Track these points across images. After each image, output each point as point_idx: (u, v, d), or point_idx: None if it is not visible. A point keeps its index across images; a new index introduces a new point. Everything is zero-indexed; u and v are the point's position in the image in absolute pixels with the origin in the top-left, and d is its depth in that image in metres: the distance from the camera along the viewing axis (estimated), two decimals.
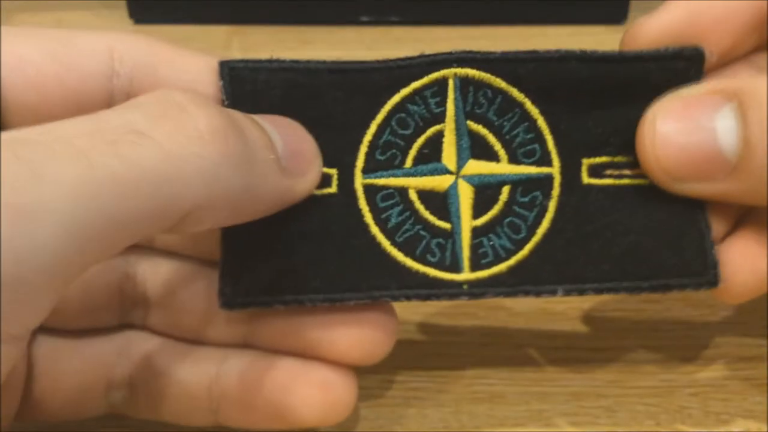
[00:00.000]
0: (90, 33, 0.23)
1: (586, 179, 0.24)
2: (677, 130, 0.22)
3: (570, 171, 0.24)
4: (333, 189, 0.24)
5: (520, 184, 0.24)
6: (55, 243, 0.16)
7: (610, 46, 0.24)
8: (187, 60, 0.23)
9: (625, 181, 0.24)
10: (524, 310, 0.30)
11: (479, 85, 0.24)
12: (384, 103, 0.24)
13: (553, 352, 0.29)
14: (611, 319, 0.30)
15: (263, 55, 0.24)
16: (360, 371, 0.24)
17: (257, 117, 0.22)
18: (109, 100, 0.23)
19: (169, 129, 0.19)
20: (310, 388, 0.24)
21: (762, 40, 0.25)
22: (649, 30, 0.24)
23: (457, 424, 0.27)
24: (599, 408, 0.27)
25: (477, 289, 0.23)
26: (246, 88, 0.23)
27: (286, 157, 0.22)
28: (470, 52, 0.23)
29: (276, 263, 0.23)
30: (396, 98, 0.24)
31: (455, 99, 0.24)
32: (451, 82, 0.24)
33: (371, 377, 0.28)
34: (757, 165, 0.21)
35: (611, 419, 0.27)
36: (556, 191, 0.24)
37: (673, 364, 0.29)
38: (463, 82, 0.24)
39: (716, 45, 0.24)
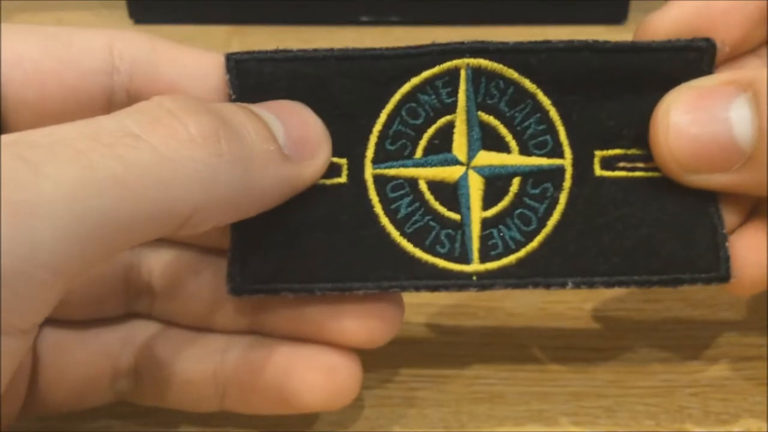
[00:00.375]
0: (89, 30, 0.23)
1: (598, 171, 0.24)
2: (691, 121, 0.22)
3: (582, 163, 0.24)
4: (343, 179, 0.24)
5: (531, 175, 0.24)
6: (56, 240, 0.17)
7: None
8: (187, 56, 0.23)
9: (639, 173, 0.24)
10: (524, 310, 0.30)
11: (491, 75, 0.23)
12: (394, 92, 0.24)
13: (553, 352, 0.29)
14: (611, 319, 0.30)
15: None
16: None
17: (256, 106, 0.22)
18: (109, 97, 0.23)
19: (162, 134, 0.19)
20: (314, 372, 0.24)
21: None
22: (659, 25, 0.24)
23: (457, 424, 0.27)
24: (599, 408, 0.27)
25: (486, 281, 0.23)
26: (253, 80, 0.23)
27: (289, 144, 0.22)
28: (483, 42, 0.23)
29: (285, 251, 0.23)
30: (406, 87, 0.24)
31: (467, 90, 0.23)
32: (463, 73, 0.23)
33: (371, 377, 0.28)
34: None
35: (611, 419, 0.27)
36: (567, 183, 0.24)
37: (673, 364, 0.29)
38: (475, 73, 0.23)
39: (726, 37, 0.24)
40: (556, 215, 0.24)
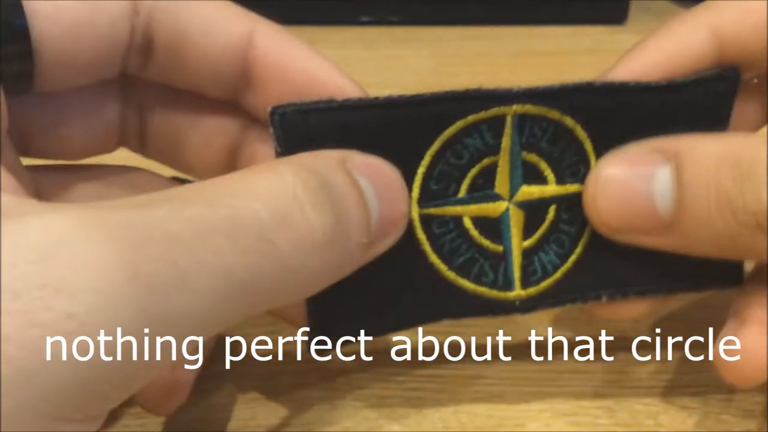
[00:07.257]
0: None
1: None
2: (616, 187, 0.23)
3: None
4: None
5: (564, 201, 0.25)
6: (176, 348, 0.17)
7: (610, 46, 0.25)
8: (209, 8, 0.23)
9: None
10: None
11: (536, 119, 0.24)
12: (439, 133, 0.23)
13: (553, 352, 0.29)
14: (611, 318, 0.30)
15: None
16: (360, 371, 0.24)
17: (359, 168, 0.22)
18: (131, 41, 0.22)
19: (291, 237, 0.19)
20: None
21: None
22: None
23: (457, 424, 0.27)
24: (599, 408, 0.27)
25: (529, 304, 0.25)
26: (299, 133, 0.22)
27: (377, 228, 0.22)
28: (530, 88, 0.23)
29: (355, 306, 0.24)
30: (452, 130, 0.23)
31: (512, 134, 0.24)
32: (509, 119, 0.23)
33: (371, 377, 0.28)
34: (690, 225, 0.22)
35: (611, 419, 0.27)
36: None
37: (673, 363, 0.29)
38: (521, 118, 0.24)
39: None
40: (586, 235, 0.25)
